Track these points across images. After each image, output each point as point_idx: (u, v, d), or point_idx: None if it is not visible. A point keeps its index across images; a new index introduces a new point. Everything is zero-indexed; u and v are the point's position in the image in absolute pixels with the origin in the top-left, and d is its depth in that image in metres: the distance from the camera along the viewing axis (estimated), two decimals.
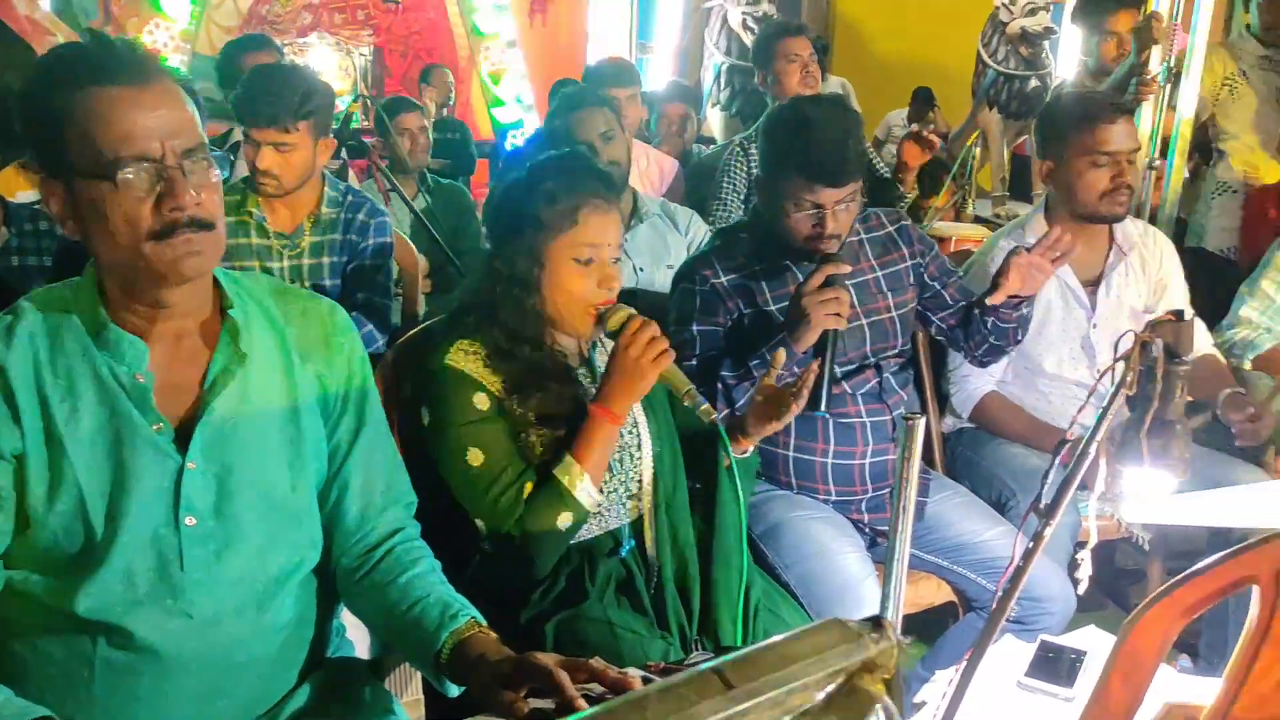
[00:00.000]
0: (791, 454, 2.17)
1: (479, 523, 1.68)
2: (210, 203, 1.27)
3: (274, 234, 2.58)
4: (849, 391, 2.14)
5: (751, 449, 1.88)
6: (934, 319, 2.32)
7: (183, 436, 1.31)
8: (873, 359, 2.19)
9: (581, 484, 1.65)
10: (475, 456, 1.66)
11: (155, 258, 1.23)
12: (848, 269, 2.01)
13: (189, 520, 1.30)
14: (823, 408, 1.98)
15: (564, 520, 1.65)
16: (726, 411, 2.04)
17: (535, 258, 1.69)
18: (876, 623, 0.79)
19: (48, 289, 1.33)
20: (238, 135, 3.44)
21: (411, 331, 2.06)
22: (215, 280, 1.38)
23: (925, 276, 2.27)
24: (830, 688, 0.76)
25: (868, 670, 0.76)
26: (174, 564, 1.30)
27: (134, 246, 1.23)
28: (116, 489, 1.27)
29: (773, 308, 2.12)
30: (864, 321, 2.16)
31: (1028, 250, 2.13)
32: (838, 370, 2.09)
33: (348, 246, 2.66)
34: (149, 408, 1.29)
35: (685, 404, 1.66)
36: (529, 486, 1.67)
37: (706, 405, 1.63)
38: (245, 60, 3.44)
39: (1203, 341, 2.54)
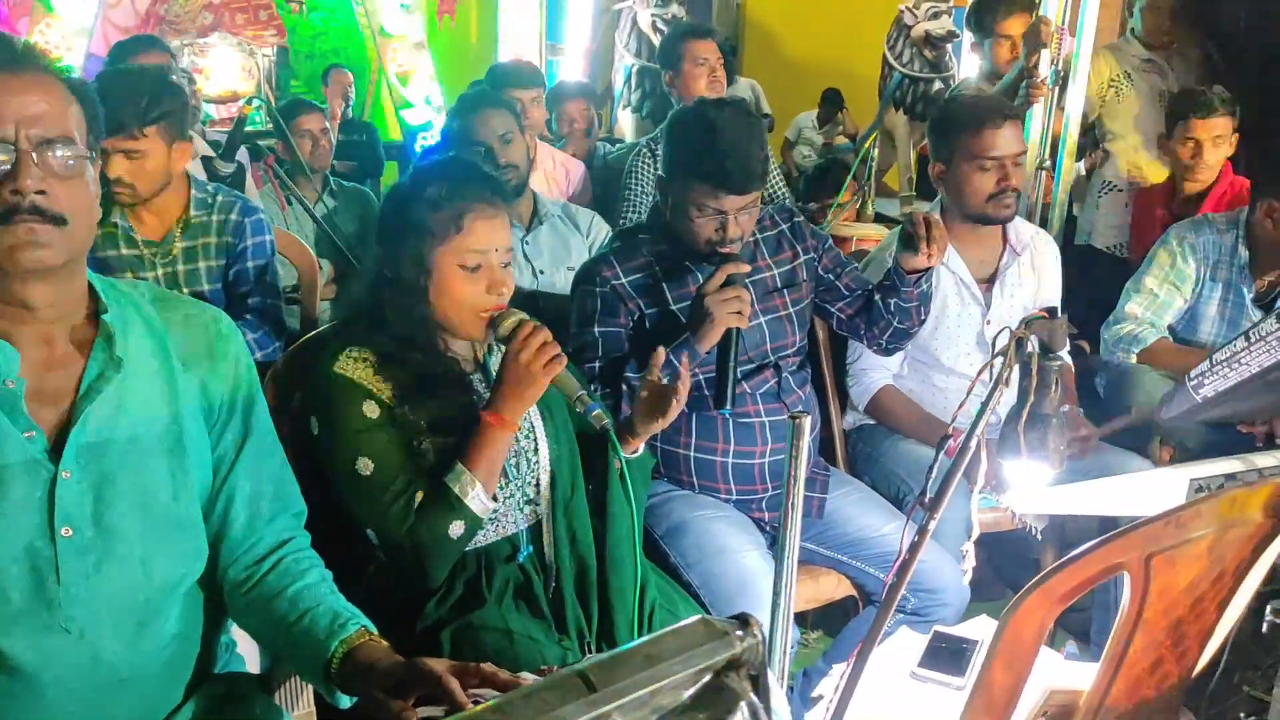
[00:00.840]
0: (692, 454, 2.19)
1: (370, 532, 1.66)
2: (64, 197, 1.23)
3: (143, 242, 2.49)
4: (748, 391, 2.17)
5: (643, 448, 1.89)
6: (833, 310, 2.36)
7: (56, 445, 1.27)
8: (772, 358, 2.22)
9: (473, 491, 1.63)
10: (365, 465, 1.64)
11: None
12: (747, 269, 2.04)
13: (65, 531, 1.26)
14: (727, 406, 2.01)
15: (455, 529, 1.63)
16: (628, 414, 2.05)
17: (421, 265, 1.67)
18: (744, 620, 0.80)
19: None
20: None
21: (302, 339, 2.03)
22: (91, 285, 1.34)
23: (819, 269, 2.30)
24: (696, 686, 0.77)
25: (734, 668, 0.78)
26: (50, 577, 1.25)
27: None
28: None
29: (674, 307, 2.13)
30: (762, 320, 2.19)
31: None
32: (738, 370, 2.11)
33: (224, 249, 2.57)
34: (20, 414, 1.25)
35: (576, 409, 1.65)
36: (420, 495, 1.64)
37: (598, 411, 1.62)
38: (134, 62, 3.33)
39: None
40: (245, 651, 1.57)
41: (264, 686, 1.57)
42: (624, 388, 2.04)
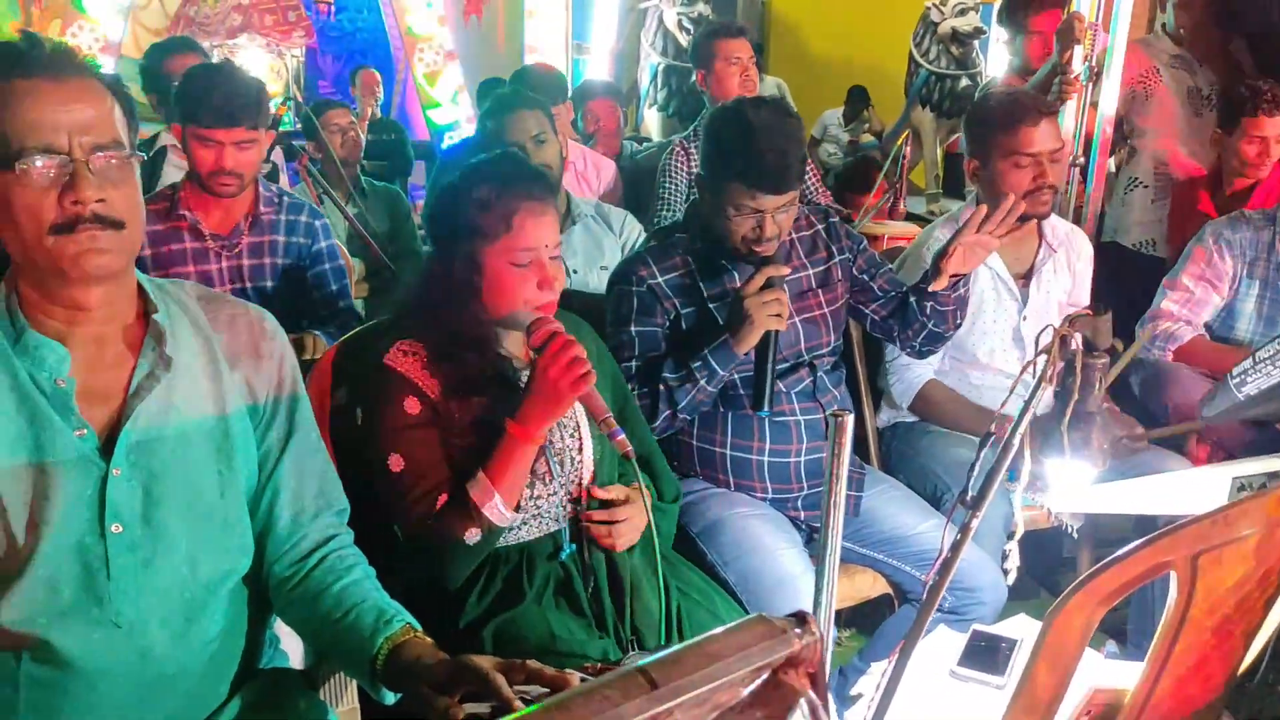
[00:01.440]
0: (729, 452, 2.19)
1: (396, 528, 1.67)
2: (120, 202, 1.25)
3: (210, 235, 2.53)
4: (783, 390, 2.17)
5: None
6: (866, 311, 2.35)
7: (107, 443, 1.29)
8: (807, 357, 2.21)
9: (491, 501, 1.62)
10: (396, 463, 1.65)
11: (57, 252, 1.21)
12: (786, 271, 2.04)
13: (115, 528, 1.28)
14: (765, 407, 2.01)
15: (471, 535, 1.62)
16: (669, 412, 2.05)
17: (472, 263, 1.67)
18: (801, 618, 0.80)
19: None
20: (164, 139, 3.38)
21: (354, 330, 2.06)
22: (140, 285, 1.35)
23: (854, 270, 2.30)
24: (755, 684, 0.77)
25: (792, 665, 0.77)
26: (100, 572, 1.27)
27: (36, 240, 1.21)
28: (38, 496, 1.25)
29: (711, 306, 2.14)
30: (797, 320, 2.18)
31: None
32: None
33: (294, 249, 2.63)
34: (71, 413, 1.27)
35: (600, 431, 1.63)
36: (444, 498, 1.65)
37: (621, 437, 1.59)
38: (171, 63, 3.37)
39: None
40: (289, 648, 1.58)
41: (309, 682, 1.59)
42: (660, 388, 2.04)
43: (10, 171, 1.19)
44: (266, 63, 6.75)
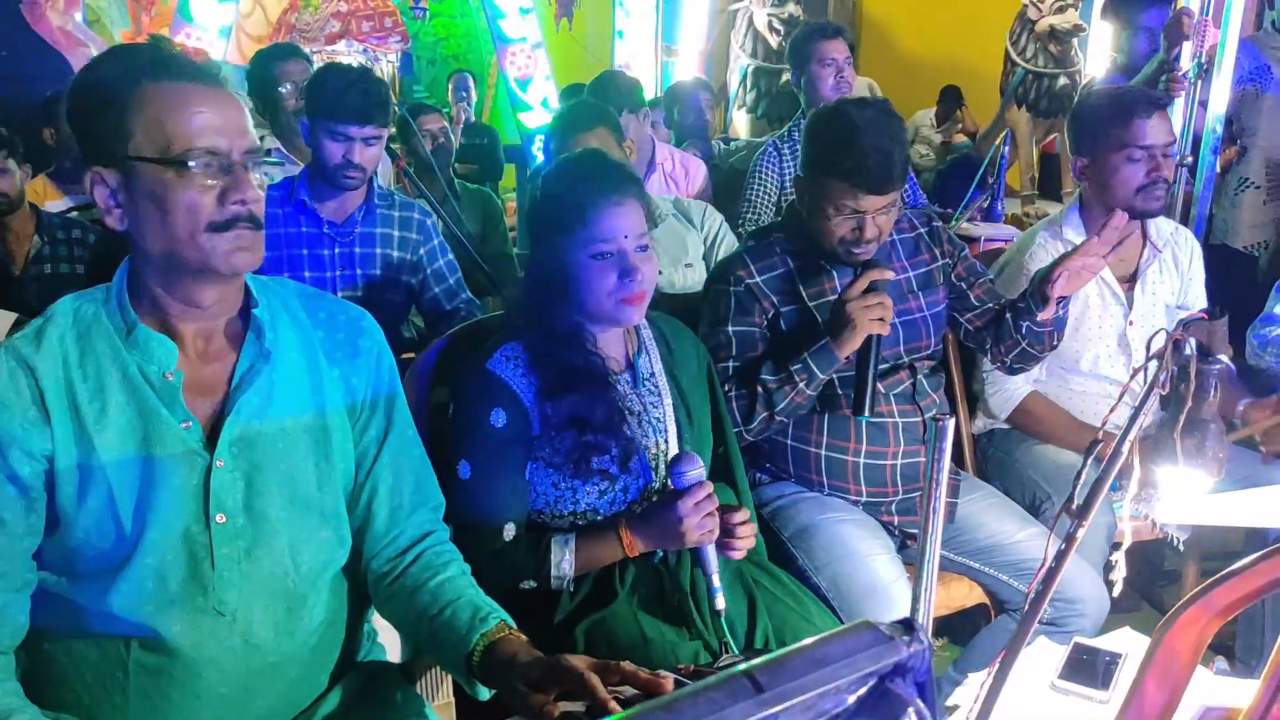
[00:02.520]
0: (823, 452, 2.15)
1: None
2: (261, 203, 1.31)
3: (326, 222, 2.65)
4: (882, 392, 2.13)
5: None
6: (961, 321, 2.31)
7: (211, 434, 1.33)
8: (906, 359, 2.18)
9: (561, 570, 1.68)
10: (464, 469, 1.69)
11: (210, 249, 1.26)
12: (890, 275, 2.01)
13: (219, 517, 1.31)
14: (865, 412, 1.98)
15: (526, 584, 1.69)
16: (766, 414, 2.03)
17: (557, 261, 1.70)
18: (908, 625, 0.78)
19: (79, 294, 1.35)
20: (269, 143, 3.47)
21: (466, 323, 2.10)
22: (244, 282, 1.39)
23: (953, 276, 2.25)
24: (861, 690, 0.75)
25: (899, 673, 0.76)
26: (205, 561, 1.31)
27: (190, 236, 1.25)
28: (146, 487, 1.29)
29: (810, 304, 2.11)
30: (897, 321, 2.14)
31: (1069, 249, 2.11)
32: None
33: (406, 244, 2.74)
34: (178, 405, 1.31)
35: (703, 583, 1.68)
36: (510, 528, 1.69)
37: (718, 595, 1.63)
38: (276, 69, 3.47)
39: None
40: (386, 641, 1.60)
41: (406, 676, 1.61)
42: (759, 390, 2.02)
43: (172, 170, 1.24)
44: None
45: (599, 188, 1.69)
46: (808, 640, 0.74)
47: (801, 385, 2.00)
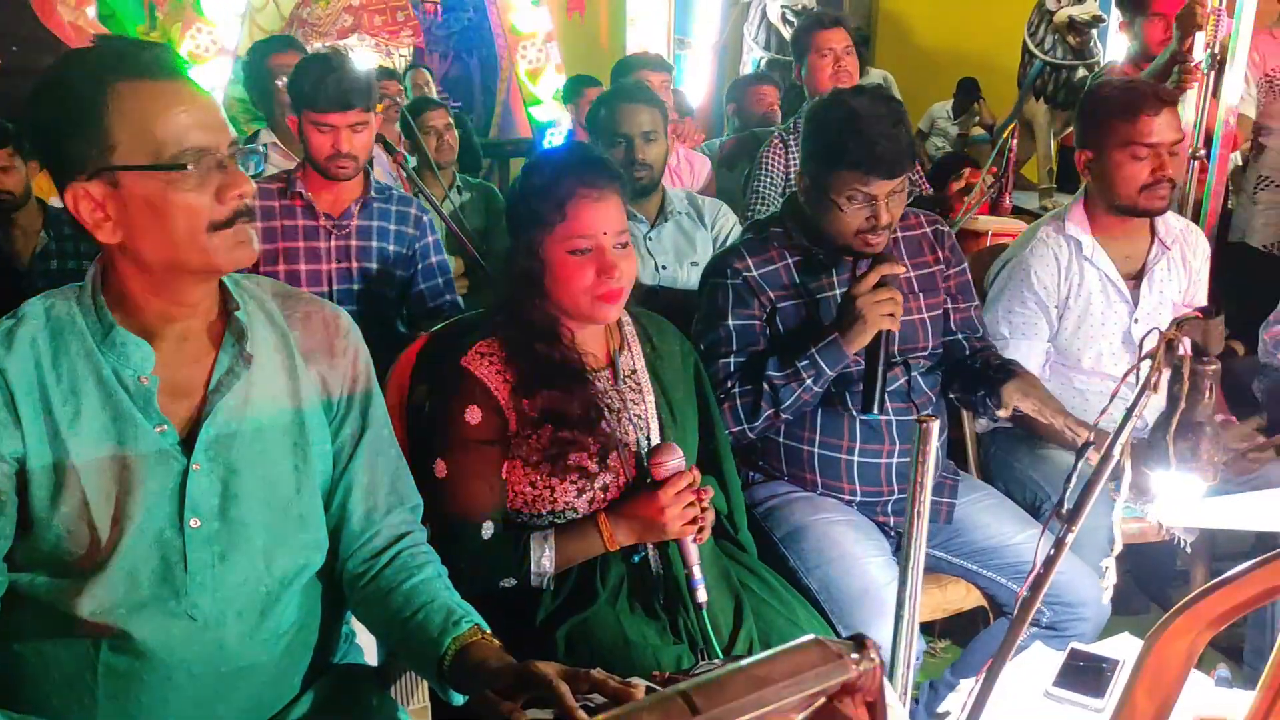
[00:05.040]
0: (816, 450, 2.12)
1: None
2: (255, 194, 1.28)
3: (324, 215, 2.64)
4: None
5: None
6: None
7: (188, 438, 1.31)
8: (900, 358, 2.13)
9: (541, 566, 1.65)
10: (440, 469, 1.67)
11: (213, 249, 1.24)
12: (902, 270, 1.99)
13: (194, 522, 1.30)
14: (874, 410, 1.95)
15: (507, 582, 1.67)
16: (771, 412, 2.01)
17: (535, 254, 1.68)
18: (860, 642, 0.75)
19: (49, 293, 1.33)
20: (265, 137, 3.46)
21: (445, 323, 2.08)
22: (220, 282, 1.37)
23: (945, 286, 2.21)
24: (808, 711, 0.72)
25: (848, 693, 0.73)
26: (178, 565, 1.29)
27: (191, 239, 1.23)
28: (121, 491, 1.27)
29: (816, 298, 2.08)
30: None
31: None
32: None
33: (403, 238, 2.72)
34: (152, 409, 1.29)
35: (684, 574, 1.67)
36: (489, 526, 1.67)
37: (699, 587, 1.63)
38: (271, 61, 3.45)
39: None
40: (364, 643, 1.59)
41: (381, 679, 1.59)
42: (764, 387, 1.99)
43: (164, 175, 1.20)
44: (375, 62, 6.87)
45: (579, 182, 1.66)
46: (752, 658, 0.72)
47: (809, 382, 1.97)
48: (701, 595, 1.63)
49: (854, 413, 2.09)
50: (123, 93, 1.19)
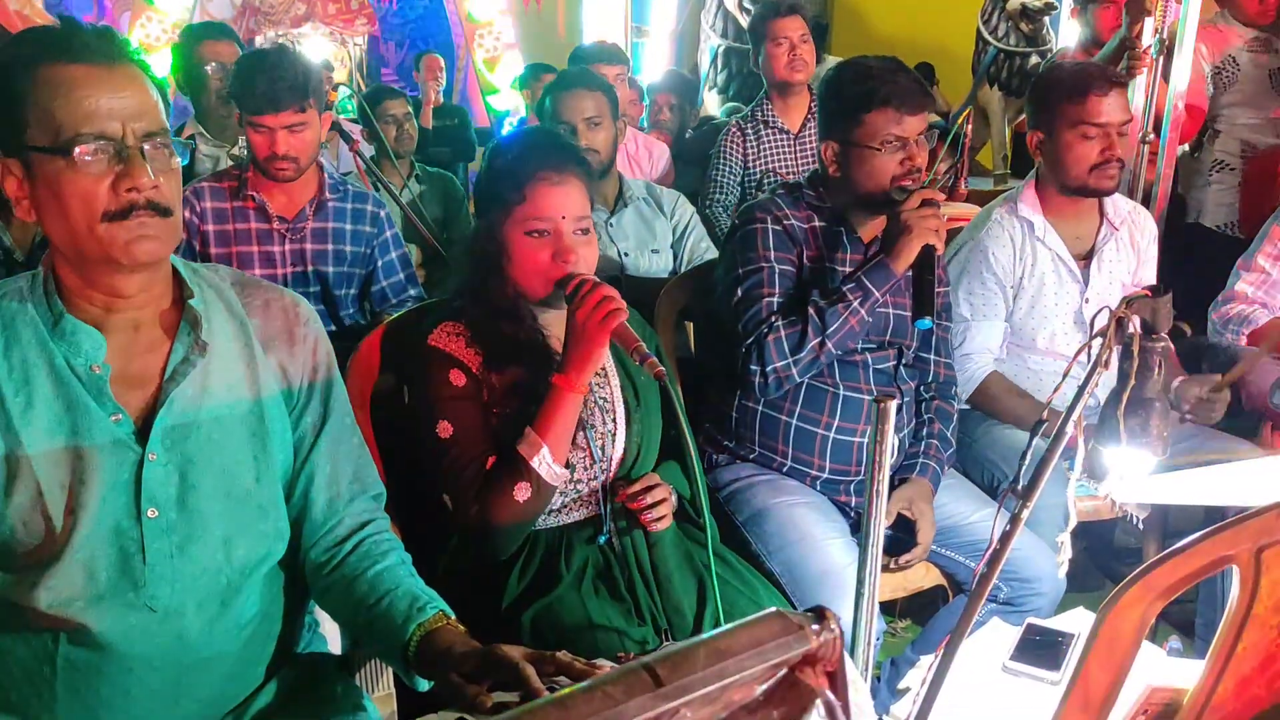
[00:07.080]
0: (794, 421, 2.13)
1: (446, 498, 1.67)
2: (168, 189, 1.25)
3: (277, 218, 2.57)
4: (868, 363, 2.13)
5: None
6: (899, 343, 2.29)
7: (143, 428, 1.29)
8: (892, 341, 2.17)
9: (539, 455, 1.64)
10: (444, 429, 1.67)
11: (108, 239, 1.22)
12: (943, 197, 2.03)
13: (151, 512, 1.28)
14: (929, 314, 1.97)
15: (521, 492, 1.63)
16: (817, 342, 2.00)
17: (495, 236, 1.69)
18: (820, 614, 0.76)
19: (4, 282, 1.31)
20: (190, 128, 3.39)
21: (404, 312, 2.07)
22: (175, 270, 1.36)
23: None
24: (770, 682, 0.73)
25: (809, 663, 0.74)
26: (136, 557, 1.28)
27: (88, 227, 1.21)
28: (75, 481, 1.26)
29: (830, 268, 2.12)
30: (890, 310, 2.14)
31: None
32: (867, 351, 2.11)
33: (360, 237, 2.66)
34: (106, 398, 1.27)
35: (634, 360, 1.61)
36: (491, 460, 1.66)
37: (653, 359, 1.56)
38: (201, 47, 3.35)
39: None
40: (328, 632, 1.58)
41: (345, 668, 1.58)
42: (811, 311, 2.01)
43: (61, 158, 1.19)
44: (330, 51, 6.82)
45: (540, 165, 1.67)
46: (713, 631, 0.72)
47: (855, 303, 2.00)
48: (660, 369, 1.55)
49: (839, 390, 2.11)
50: (42, 74, 1.20)
